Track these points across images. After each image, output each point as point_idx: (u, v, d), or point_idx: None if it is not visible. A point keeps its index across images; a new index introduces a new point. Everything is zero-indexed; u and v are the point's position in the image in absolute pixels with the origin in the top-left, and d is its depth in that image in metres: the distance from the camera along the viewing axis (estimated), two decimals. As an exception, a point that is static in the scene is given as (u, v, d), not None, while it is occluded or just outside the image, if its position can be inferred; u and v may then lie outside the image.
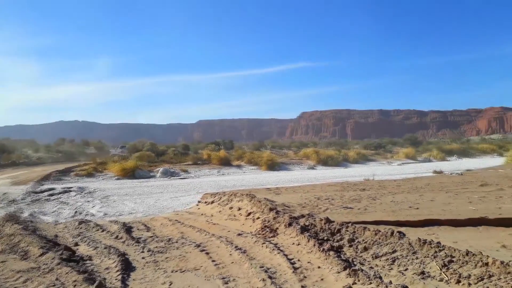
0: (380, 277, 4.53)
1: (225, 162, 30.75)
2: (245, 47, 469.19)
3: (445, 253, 4.89)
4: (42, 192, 15.89)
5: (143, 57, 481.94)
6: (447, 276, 4.36)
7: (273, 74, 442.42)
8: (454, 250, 4.87)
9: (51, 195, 15.20)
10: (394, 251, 5.41)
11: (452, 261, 4.66)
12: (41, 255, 5.69)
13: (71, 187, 17.41)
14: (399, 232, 5.94)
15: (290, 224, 7.10)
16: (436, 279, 4.40)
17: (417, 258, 5.02)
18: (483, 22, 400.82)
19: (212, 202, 10.88)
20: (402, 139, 63.62)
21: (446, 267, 4.57)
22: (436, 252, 4.98)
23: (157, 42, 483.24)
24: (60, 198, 14.58)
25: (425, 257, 4.97)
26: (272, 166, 30.06)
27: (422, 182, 13.73)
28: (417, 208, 8.44)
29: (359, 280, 4.50)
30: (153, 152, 36.09)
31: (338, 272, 4.86)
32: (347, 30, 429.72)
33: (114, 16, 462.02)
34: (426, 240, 5.36)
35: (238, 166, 30.66)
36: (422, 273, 4.58)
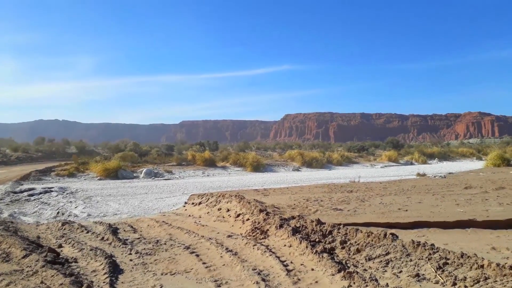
0: (376, 280, 4.49)
1: (210, 163, 30.52)
2: (230, 49, 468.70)
3: (440, 255, 4.88)
4: (21, 192, 15.40)
5: (125, 56, 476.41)
6: (442, 279, 4.34)
7: (257, 76, 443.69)
8: (449, 252, 4.86)
9: (31, 195, 14.74)
10: (388, 253, 5.37)
11: (447, 263, 4.65)
12: (24, 257, 5.45)
13: (52, 187, 16.93)
14: (392, 234, 5.92)
15: (281, 226, 7.02)
16: (432, 281, 4.37)
17: (411, 260, 5.00)
18: (462, 30, 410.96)
19: (200, 203, 10.72)
20: (384, 142, 64.40)
21: (441, 269, 4.55)
22: (430, 254, 4.97)
23: (140, 42, 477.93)
24: (40, 198, 14.16)
25: (419, 259, 4.95)
26: (258, 167, 30.02)
27: (408, 184, 13.86)
28: (406, 210, 8.49)
29: (354, 283, 4.44)
30: (136, 153, 35.56)
31: (333, 275, 4.80)
32: (331, 34, 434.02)
33: (96, 14, 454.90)
34: (419, 242, 5.35)
35: (223, 167, 30.48)
36: (417, 275, 4.55)
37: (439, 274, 4.46)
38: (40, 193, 15.28)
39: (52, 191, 15.93)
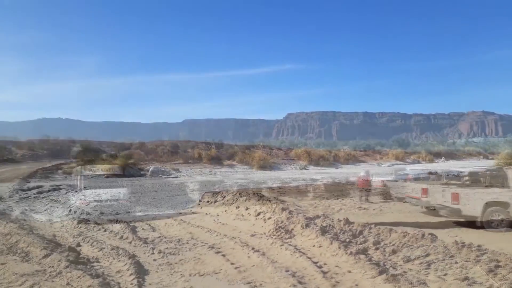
0: (425, 283, 4.20)
1: (217, 162, 30.25)
2: (233, 48, 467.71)
3: (489, 257, 4.58)
4: (29, 189, 15.19)
5: (128, 56, 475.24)
6: (496, 282, 4.05)
7: (260, 75, 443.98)
8: (499, 254, 4.57)
9: (40, 192, 14.54)
10: (428, 255, 5.08)
11: (499, 266, 4.35)
12: (45, 256, 5.18)
13: (60, 185, 16.71)
14: (431, 235, 5.63)
15: (307, 225, 6.74)
16: (484, 285, 4.08)
17: (456, 262, 4.70)
18: (466, 29, 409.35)
19: (215, 201, 10.45)
20: (391, 141, 64.01)
21: (493, 272, 4.26)
22: (477, 256, 4.68)
23: (143, 41, 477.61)
24: (50, 196, 13.94)
25: (465, 261, 4.65)
26: (264, 165, 29.76)
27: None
28: (434, 209, 8.18)
29: (400, 287, 4.15)
30: (142, 151, 35.33)
31: (373, 277, 4.50)
32: (333, 34, 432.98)
33: (100, 13, 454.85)
34: (464, 243, 5.06)
35: (230, 166, 30.23)
36: (466, 278, 4.24)
37: (491, 278, 4.17)
38: (49, 190, 15.07)
39: (60, 188, 15.70)
